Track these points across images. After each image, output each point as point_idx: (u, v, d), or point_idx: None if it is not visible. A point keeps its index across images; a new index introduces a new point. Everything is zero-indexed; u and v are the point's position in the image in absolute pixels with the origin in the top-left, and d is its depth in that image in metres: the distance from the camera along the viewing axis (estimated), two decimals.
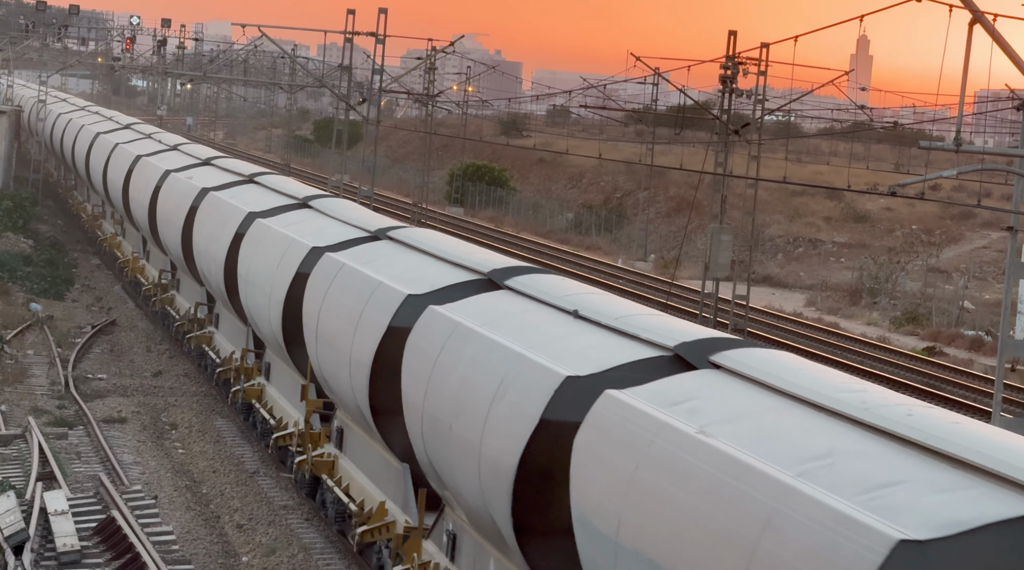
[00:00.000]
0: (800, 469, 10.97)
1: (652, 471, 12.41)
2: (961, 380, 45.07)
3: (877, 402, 12.02)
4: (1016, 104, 27.50)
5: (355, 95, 67.85)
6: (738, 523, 11.02)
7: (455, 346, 17.56)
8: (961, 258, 74.75)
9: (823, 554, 9.98)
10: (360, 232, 26.48)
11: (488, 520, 16.41)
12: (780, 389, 12.92)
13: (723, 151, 47.84)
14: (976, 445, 10.63)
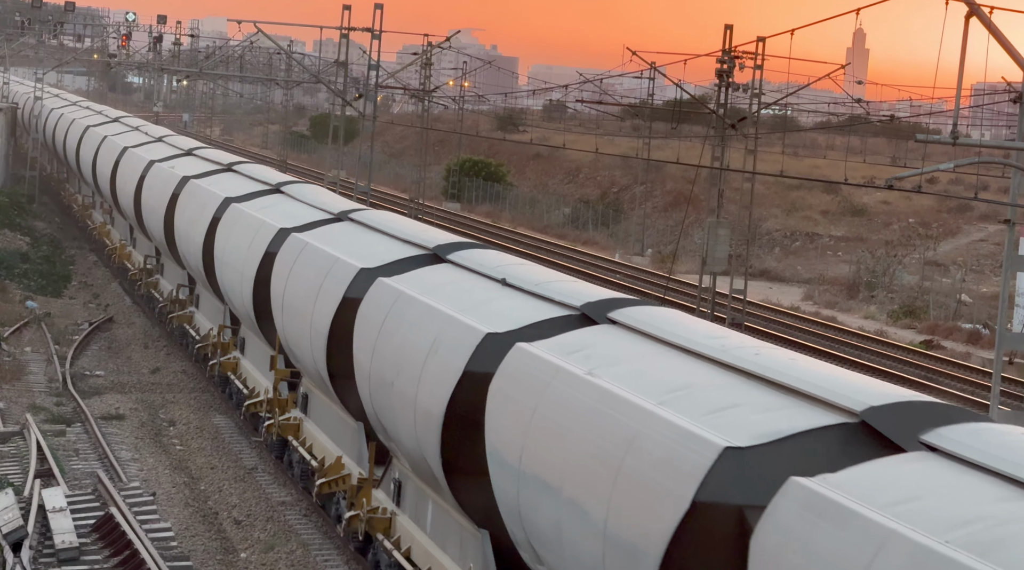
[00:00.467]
0: (661, 399, 13.22)
1: (549, 408, 14.52)
2: (958, 373, 45.10)
3: (734, 345, 14.40)
4: (1013, 97, 27.50)
5: (351, 91, 67.83)
6: (610, 444, 13.24)
7: (398, 312, 19.77)
8: (958, 251, 74.78)
9: (671, 463, 12.23)
10: (324, 214, 28.72)
11: (424, 464, 18.47)
12: (659, 338, 15.18)
13: (720, 145, 47.83)
14: (801, 375, 12.98)
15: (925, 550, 9.17)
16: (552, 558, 14.25)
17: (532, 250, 68.22)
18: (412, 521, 20.44)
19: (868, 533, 9.85)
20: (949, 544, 9.16)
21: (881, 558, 9.49)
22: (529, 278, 19.26)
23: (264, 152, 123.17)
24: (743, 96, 51.22)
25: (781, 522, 10.65)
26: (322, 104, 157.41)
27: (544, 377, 14.81)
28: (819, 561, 10.09)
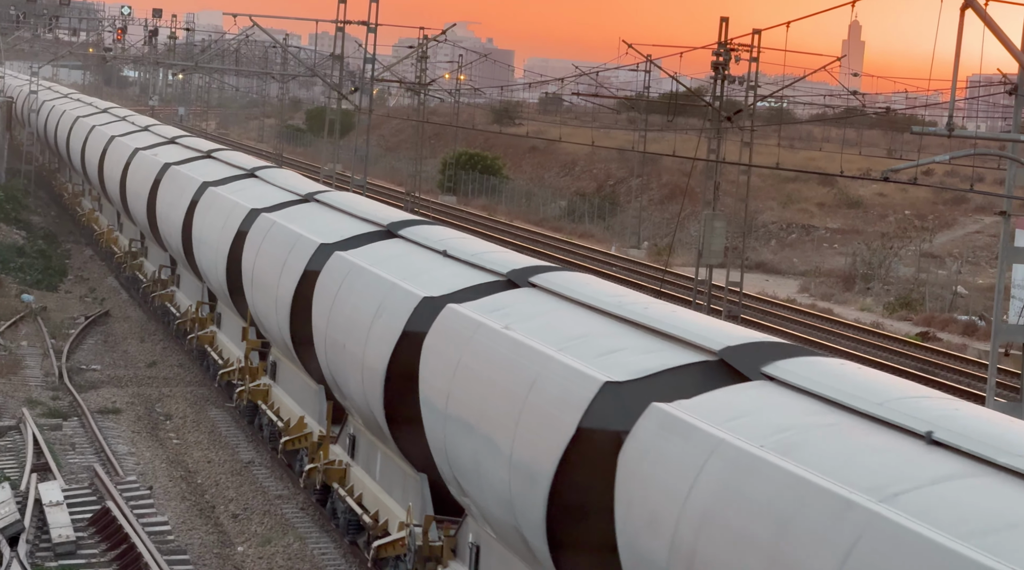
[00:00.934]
0: (561, 346, 15.49)
1: (471, 357, 16.75)
2: (955, 365, 45.13)
3: (629, 301, 16.68)
4: (1008, 89, 27.50)
5: (347, 84, 67.83)
6: (517, 386, 15.43)
7: (350, 282, 22.01)
8: (954, 243, 74.82)
9: (563, 398, 14.54)
10: (293, 196, 31.02)
11: (372, 418, 20.67)
12: (569, 297, 17.39)
13: (716, 138, 47.84)
14: (677, 323, 15.27)
15: (743, 453, 11.53)
16: (472, 489, 16.61)
17: (528, 243, 68.23)
18: (364, 470, 22.73)
19: (704, 442, 12.04)
20: (763, 447, 11.45)
21: (712, 461, 11.78)
22: (467, 249, 21.68)
23: (260, 146, 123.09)
24: (739, 89, 51.24)
25: (641, 439, 12.87)
26: (318, 97, 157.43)
27: (468, 332, 17.05)
28: (667, 467, 12.34)
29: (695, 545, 11.57)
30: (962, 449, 10.52)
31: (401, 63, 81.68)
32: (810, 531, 10.31)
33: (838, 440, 11.30)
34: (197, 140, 47.66)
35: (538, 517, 14.51)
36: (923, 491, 10.07)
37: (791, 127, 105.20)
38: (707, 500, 11.56)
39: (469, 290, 19.37)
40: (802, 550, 10.31)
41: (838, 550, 9.95)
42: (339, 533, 23.83)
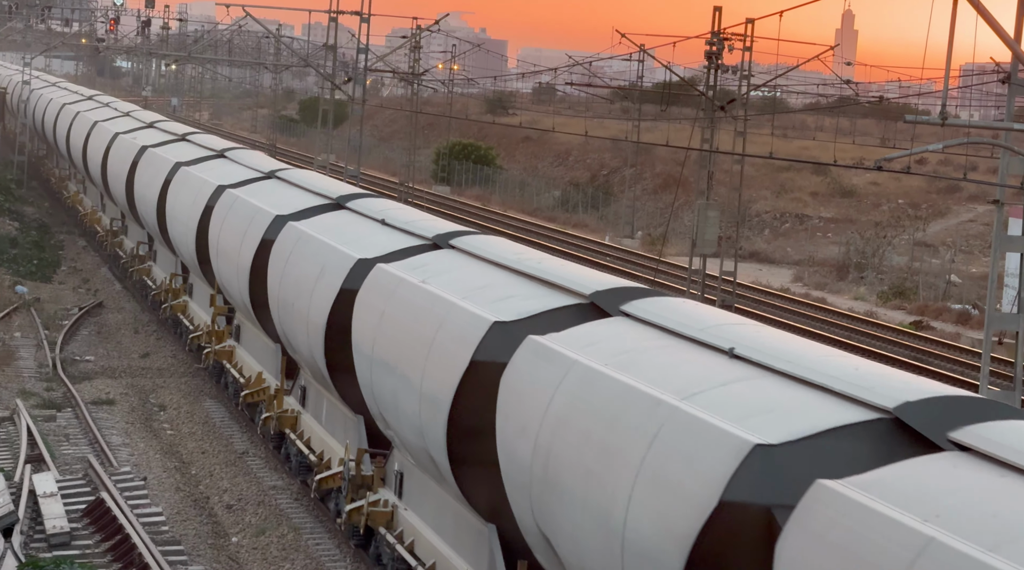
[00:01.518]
0: (463, 295, 18.14)
1: (393, 307, 19.43)
2: (948, 354, 45.16)
3: (527, 258, 19.39)
4: (1001, 77, 27.49)
5: (340, 74, 67.76)
6: (428, 329, 18.15)
7: (300, 248, 24.96)
8: (948, 232, 74.85)
9: (463, 336, 17.12)
10: (257, 173, 33.93)
11: (317, 369, 23.36)
12: (480, 256, 20.08)
13: (709, 127, 47.83)
14: (563, 274, 17.77)
15: (590, 369, 14.16)
16: (392, 419, 19.35)
17: (522, 233, 68.21)
18: (313, 417, 25.92)
19: (563, 363, 14.63)
20: (606, 365, 13.94)
21: (567, 377, 14.42)
22: (402, 218, 24.74)
23: (253, 136, 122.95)
24: (732, 78, 51.21)
25: (518, 364, 15.43)
26: (311, 88, 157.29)
27: (392, 287, 19.82)
28: (535, 385, 14.67)
29: (551, 444, 14.10)
30: (754, 360, 13.25)
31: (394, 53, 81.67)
32: (630, 425, 12.84)
33: (663, 357, 14.05)
34: (174, 124, 50.98)
35: (440, 437, 17.21)
36: (716, 391, 12.70)
37: (784, 116, 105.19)
38: (561, 408, 14.13)
39: (399, 252, 22.29)
40: (624, 440, 12.82)
41: (647, 437, 12.51)
42: (291, 475, 27.02)
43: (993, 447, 10.65)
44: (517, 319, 16.85)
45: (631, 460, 12.65)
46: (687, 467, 11.91)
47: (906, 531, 9.66)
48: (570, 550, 13.80)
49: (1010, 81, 26.63)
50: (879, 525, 9.88)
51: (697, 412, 12.30)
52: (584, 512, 13.27)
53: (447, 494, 18.67)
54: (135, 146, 44.62)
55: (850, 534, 10.05)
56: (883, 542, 9.74)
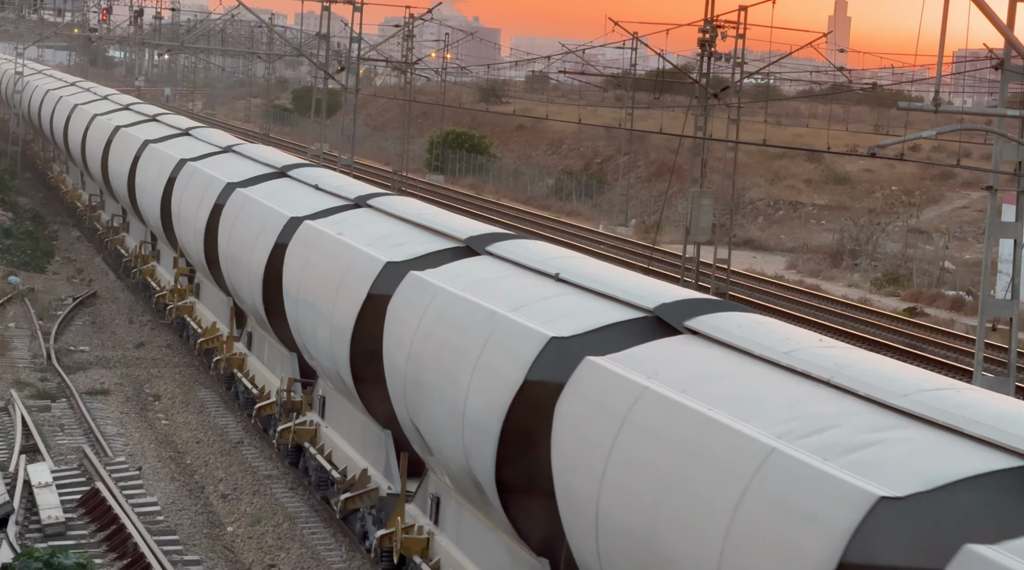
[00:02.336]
0: (368, 242, 21.77)
1: (315, 256, 21.37)
2: (942, 340, 45.20)
3: (434, 214, 22.40)
4: (994, 63, 27.50)
5: (333, 63, 67.66)
6: (338, 271, 21.80)
7: (244, 211, 28.61)
8: (941, 218, 74.88)
9: (364, 272, 20.69)
10: (215, 148, 37.33)
11: (258, 314, 26.40)
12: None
13: (703, 115, 47.82)
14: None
15: (453, 294, 16.27)
16: (313, 350, 22.32)
17: (516, 221, 68.19)
18: (256, 358, 29.38)
19: (431, 292, 18.40)
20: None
21: (435, 301, 18.17)
22: (333, 183, 28.41)
23: (247, 125, 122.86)
24: (725, 65, 51.20)
25: (401, 296, 18.76)
26: (304, 77, 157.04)
27: (315, 240, 23.14)
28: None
29: (420, 353, 17.27)
30: (572, 281, 16.88)
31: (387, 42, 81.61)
32: (473, 332, 14.95)
33: (504, 282, 17.41)
34: (148, 106, 54.96)
35: (345, 361, 18.51)
36: (537, 304, 16.52)
37: (778, 104, 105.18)
38: (427, 324, 15.67)
39: (324, 211, 25.40)
40: (468, 343, 15.02)
41: (483, 339, 14.93)
42: (240, 409, 29.98)
43: (711, 330, 14.03)
44: (406, 259, 20.43)
45: (471, 358, 16.19)
46: (506, 358, 15.50)
47: (632, 384, 13.12)
48: (431, 433, 17.37)
49: (1003, 67, 26.64)
50: (617, 381, 13.33)
51: (517, 317, 15.90)
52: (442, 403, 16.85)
53: (356, 410, 22.16)
54: (109, 126, 48.78)
55: (599, 390, 13.53)
56: (618, 392, 13.20)
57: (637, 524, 12.34)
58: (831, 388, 11.95)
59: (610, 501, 12.79)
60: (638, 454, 12.60)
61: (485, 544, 17.39)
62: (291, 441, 25.10)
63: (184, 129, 43.66)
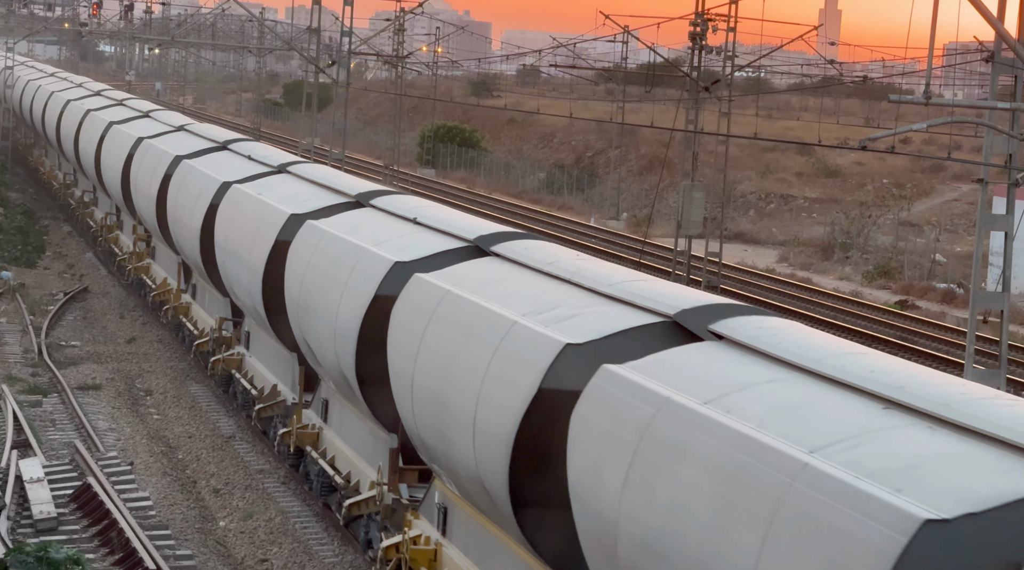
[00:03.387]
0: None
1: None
2: (933, 333, 45.24)
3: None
4: (985, 56, 27.50)
5: (324, 58, 67.63)
6: (258, 225, 25.79)
7: (185, 178, 32.75)
8: (932, 211, 74.94)
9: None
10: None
11: (198, 265, 30.63)
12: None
13: (694, 108, 47.82)
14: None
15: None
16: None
17: (507, 216, 68.18)
18: (199, 305, 33.97)
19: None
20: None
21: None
22: (249, 150, 33.65)
23: (238, 120, 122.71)
24: (716, 59, 51.18)
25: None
26: (295, 71, 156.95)
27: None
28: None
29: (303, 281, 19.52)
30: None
31: (378, 36, 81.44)
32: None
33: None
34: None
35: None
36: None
37: (769, 97, 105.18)
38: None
39: (251, 176, 29.78)
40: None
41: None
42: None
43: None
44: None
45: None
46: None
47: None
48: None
49: (993, 60, 26.65)
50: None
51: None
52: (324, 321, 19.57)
53: (273, 341, 26.35)
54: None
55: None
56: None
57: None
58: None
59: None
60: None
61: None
62: (220, 369, 30.57)
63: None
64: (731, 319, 13.76)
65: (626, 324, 14.46)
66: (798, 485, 10.14)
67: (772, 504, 10.28)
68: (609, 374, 13.06)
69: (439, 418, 16.49)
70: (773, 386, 11.79)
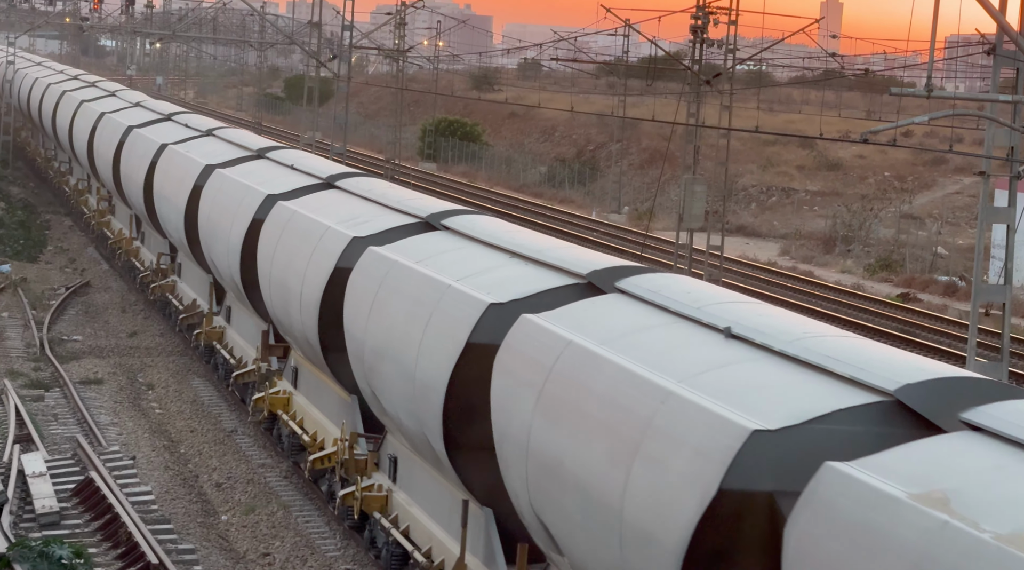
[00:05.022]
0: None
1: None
2: (935, 325, 45.23)
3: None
4: (986, 49, 27.46)
5: (325, 52, 67.61)
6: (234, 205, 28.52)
7: (167, 161, 36.71)
8: (934, 204, 74.89)
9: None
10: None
11: (181, 241, 34.18)
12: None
13: (695, 102, 47.79)
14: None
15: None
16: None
17: (509, 209, 68.16)
18: (183, 281, 37.53)
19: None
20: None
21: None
22: (228, 135, 37.04)
23: (239, 114, 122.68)
24: (718, 52, 51.13)
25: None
26: (296, 65, 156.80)
27: (219, 183, 28.42)
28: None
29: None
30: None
31: (379, 30, 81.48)
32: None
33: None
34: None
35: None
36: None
37: (770, 90, 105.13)
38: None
39: (232, 159, 33.05)
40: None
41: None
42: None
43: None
44: (282, 191, 27.35)
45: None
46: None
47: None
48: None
49: (995, 52, 26.63)
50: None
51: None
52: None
53: (247, 310, 29.81)
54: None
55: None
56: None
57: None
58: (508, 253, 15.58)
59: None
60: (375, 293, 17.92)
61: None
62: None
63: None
64: (634, 277, 16.03)
65: (546, 285, 16.85)
66: (663, 407, 12.28)
67: (642, 426, 12.41)
68: (525, 322, 15.34)
69: (387, 375, 18.71)
70: (658, 331, 14.06)
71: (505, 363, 15.25)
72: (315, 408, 25.06)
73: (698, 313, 14.10)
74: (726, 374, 12.46)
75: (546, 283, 16.91)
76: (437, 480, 18.70)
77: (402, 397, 18.23)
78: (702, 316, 13.96)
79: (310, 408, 25.35)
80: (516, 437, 14.49)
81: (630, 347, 13.60)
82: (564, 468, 13.29)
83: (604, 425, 12.90)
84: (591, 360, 13.66)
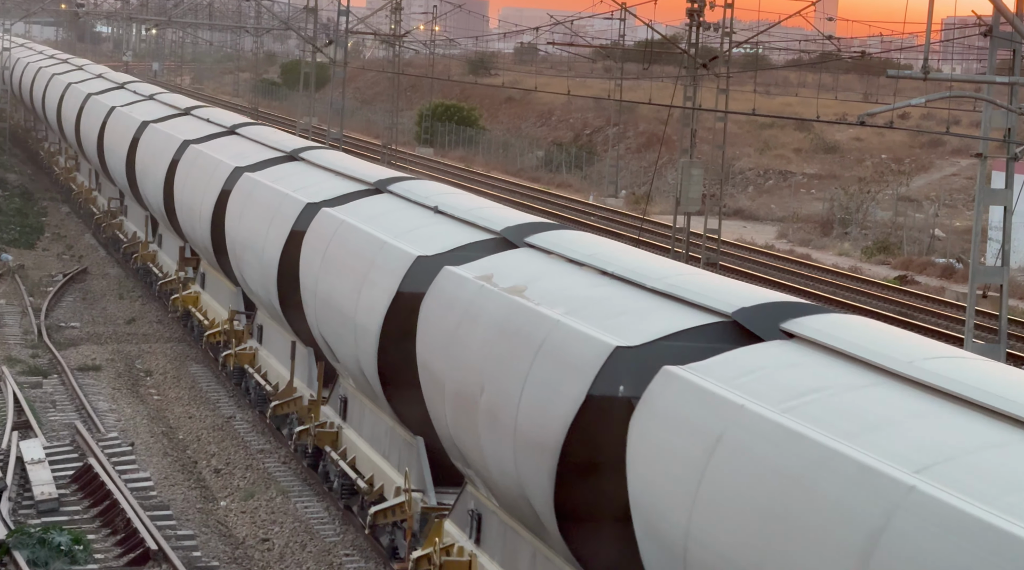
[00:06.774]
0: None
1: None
2: (933, 308, 45.25)
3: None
4: (983, 30, 27.46)
5: (321, 37, 67.55)
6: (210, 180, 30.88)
7: (147, 139, 38.53)
8: (931, 186, 74.88)
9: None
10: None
11: (162, 215, 36.64)
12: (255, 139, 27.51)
13: (692, 85, 47.76)
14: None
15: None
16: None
17: (506, 194, 68.14)
18: (165, 253, 38.98)
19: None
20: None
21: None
22: (205, 114, 39.51)
23: (235, 100, 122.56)
24: (714, 35, 51.10)
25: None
26: (292, 51, 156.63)
27: (194, 157, 29.98)
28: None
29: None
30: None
31: (375, 15, 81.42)
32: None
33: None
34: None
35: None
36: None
37: (767, 73, 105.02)
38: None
39: (208, 135, 35.04)
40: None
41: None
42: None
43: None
44: (248, 164, 29.07)
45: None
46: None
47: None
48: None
49: (992, 34, 26.62)
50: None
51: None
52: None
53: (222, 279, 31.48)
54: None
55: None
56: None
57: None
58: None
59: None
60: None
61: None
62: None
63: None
64: (543, 233, 17.48)
65: (466, 241, 18.49)
66: (551, 335, 14.31)
67: (535, 350, 14.63)
68: (447, 272, 16.51)
69: (334, 322, 19.83)
70: (556, 276, 16.13)
71: (430, 307, 17.05)
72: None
73: (589, 259, 16.02)
74: (600, 306, 14.41)
75: (466, 238, 18.95)
76: (377, 414, 20.81)
77: (349, 344, 20.25)
78: (593, 262, 15.87)
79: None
80: (435, 372, 16.49)
81: (535, 288, 15.49)
82: (477, 399, 15.18)
83: (507, 354, 14.74)
84: (500, 300, 15.54)
